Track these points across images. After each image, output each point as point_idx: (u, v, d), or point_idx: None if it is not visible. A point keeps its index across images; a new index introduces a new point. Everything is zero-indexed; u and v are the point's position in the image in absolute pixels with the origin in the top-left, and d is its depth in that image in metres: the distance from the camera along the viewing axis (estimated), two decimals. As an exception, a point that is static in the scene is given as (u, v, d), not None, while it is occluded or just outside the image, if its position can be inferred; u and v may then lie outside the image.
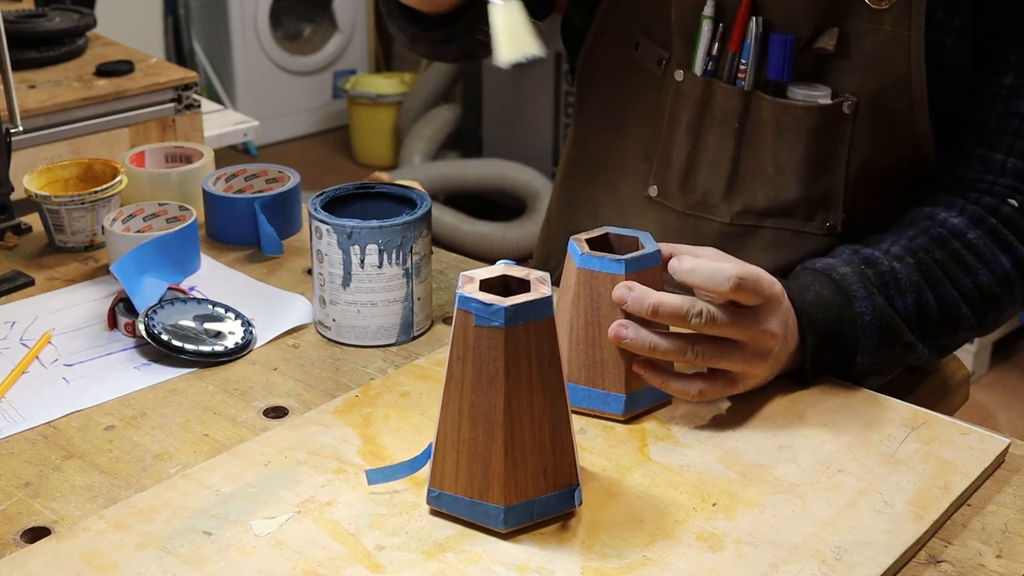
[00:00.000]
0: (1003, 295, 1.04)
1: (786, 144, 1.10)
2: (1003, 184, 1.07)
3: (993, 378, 2.88)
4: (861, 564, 0.77)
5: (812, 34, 1.07)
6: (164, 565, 0.76)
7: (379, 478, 0.84)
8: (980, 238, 1.04)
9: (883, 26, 1.04)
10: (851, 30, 1.06)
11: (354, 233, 1.03)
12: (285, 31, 4.47)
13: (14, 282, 1.19)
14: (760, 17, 1.08)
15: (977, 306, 1.03)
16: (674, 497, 0.84)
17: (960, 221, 1.04)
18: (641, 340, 0.90)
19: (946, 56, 1.05)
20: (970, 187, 1.08)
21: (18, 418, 0.95)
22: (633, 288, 0.89)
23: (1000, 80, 1.07)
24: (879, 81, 1.06)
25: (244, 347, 1.06)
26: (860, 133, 1.08)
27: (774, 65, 1.08)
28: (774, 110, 1.09)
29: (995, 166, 1.07)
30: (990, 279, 1.03)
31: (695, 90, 1.13)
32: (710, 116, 1.13)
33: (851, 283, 0.98)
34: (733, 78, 1.11)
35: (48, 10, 2.05)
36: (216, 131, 2.27)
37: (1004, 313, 1.07)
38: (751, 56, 1.09)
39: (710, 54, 1.12)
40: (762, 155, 1.11)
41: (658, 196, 1.18)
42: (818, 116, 1.08)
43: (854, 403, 0.97)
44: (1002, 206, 1.06)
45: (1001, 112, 1.07)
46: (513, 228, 3.52)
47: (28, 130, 1.70)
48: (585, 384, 0.93)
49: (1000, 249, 1.04)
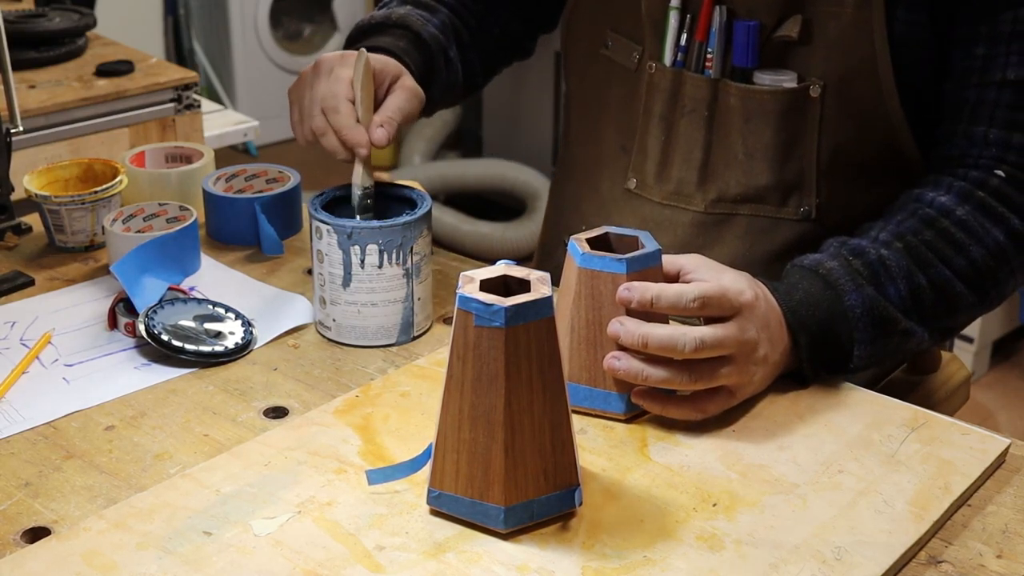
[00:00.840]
0: (1000, 268, 1.04)
1: (754, 129, 1.11)
2: (988, 156, 1.06)
3: (993, 378, 2.88)
4: (861, 564, 0.77)
5: (776, 22, 1.09)
6: (164, 565, 0.76)
7: (379, 478, 0.84)
8: (969, 214, 1.03)
9: (845, 9, 1.06)
10: (814, 16, 1.07)
11: (354, 233, 1.03)
12: (285, 31, 4.47)
13: (14, 282, 1.19)
14: (724, 6, 1.10)
15: (974, 283, 1.03)
16: (674, 497, 0.84)
17: (948, 199, 1.04)
18: (634, 370, 0.91)
19: (902, 29, 1.06)
20: (957, 164, 1.08)
21: (18, 418, 0.95)
22: (624, 322, 0.90)
23: (972, 52, 1.06)
24: (845, 65, 1.07)
25: (244, 347, 1.06)
26: (829, 117, 1.09)
27: (739, 52, 1.10)
28: (741, 96, 1.11)
29: (978, 139, 1.07)
30: (984, 254, 1.03)
31: (665, 81, 1.15)
32: (681, 106, 1.15)
33: (838, 277, 0.99)
34: (701, 67, 1.13)
35: (48, 10, 2.05)
36: (216, 131, 2.27)
37: (1006, 286, 1.06)
38: (716, 44, 1.11)
39: (679, 45, 1.14)
40: (732, 142, 1.13)
41: (636, 188, 1.20)
42: (784, 100, 1.09)
43: (854, 403, 0.97)
44: (989, 178, 1.05)
45: (977, 84, 1.07)
46: (513, 228, 3.52)
47: (28, 130, 1.70)
48: (586, 384, 0.93)
49: (991, 222, 1.04)
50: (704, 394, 0.92)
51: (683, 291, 0.90)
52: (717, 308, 0.91)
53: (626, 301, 0.90)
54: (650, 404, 0.92)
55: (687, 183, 1.17)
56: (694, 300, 0.90)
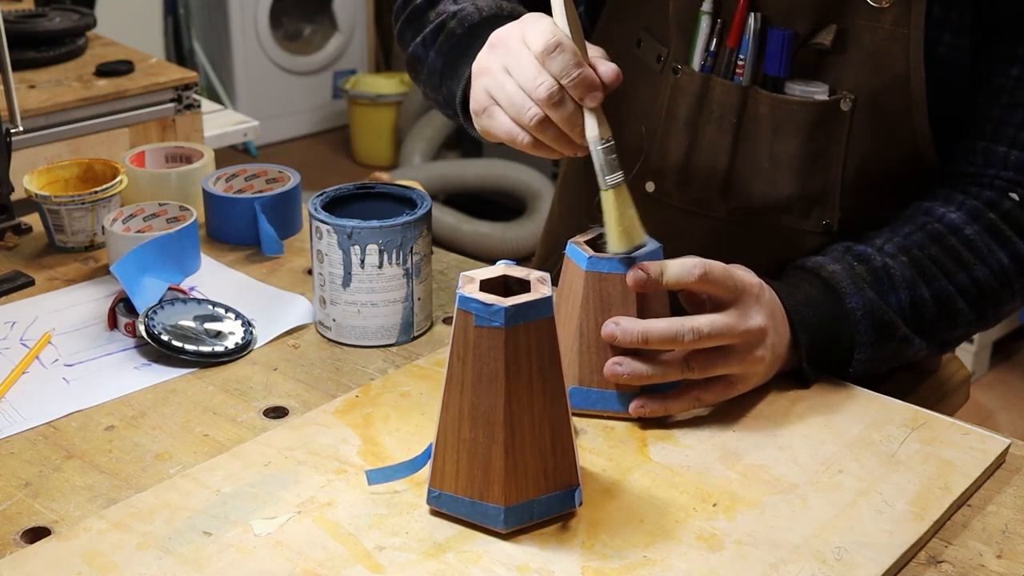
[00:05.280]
0: (1002, 291, 1.04)
1: (782, 140, 1.10)
2: (1005, 178, 1.06)
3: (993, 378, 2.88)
4: (861, 564, 0.77)
5: (810, 31, 1.07)
6: (164, 565, 0.76)
7: (379, 478, 0.84)
8: (977, 234, 1.03)
9: (883, 24, 1.04)
10: (850, 27, 1.05)
11: (354, 233, 1.03)
12: (285, 31, 4.47)
13: (14, 282, 1.18)
14: (759, 13, 1.08)
15: (975, 302, 1.03)
16: (674, 497, 0.84)
17: (958, 216, 1.04)
18: (638, 372, 0.91)
19: (944, 52, 1.05)
20: (972, 181, 1.08)
21: (18, 418, 0.95)
22: (619, 322, 0.91)
23: (1006, 72, 1.06)
24: (878, 79, 1.06)
25: (244, 347, 1.06)
26: (858, 131, 1.08)
27: (772, 60, 1.08)
28: (771, 105, 1.09)
29: (998, 159, 1.07)
30: (987, 275, 1.03)
31: (693, 86, 1.13)
32: (707, 112, 1.13)
33: (840, 280, 0.98)
34: (731, 74, 1.11)
35: (48, 10, 2.05)
36: (216, 131, 2.27)
37: (1004, 308, 1.06)
38: (749, 52, 1.09)
39: (708, 50, 1.12)
40: (758, 151, 1.11)
41: (655, 192, 1.18)
42: (815, 112, 1.08)
43: (854, 403, 0.97)
44: (1003, 200, 1.05)
45: (1006, 104, 1.06)
46: (513, 228, 3.52)
47: (28, 130, 1.70)
48: (598, 387, 0.93)
49: (998, 244, 1.04)
50: (701, 383, 0.92)
51: (685, 262, 0.91)
52: (720, 283, 0.91)
53: (641, 280, 0.90)
54: (652, 410, 0.93)
55: (710, 190, 1.15)
56: (695, 267, 0.90)
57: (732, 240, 1.15)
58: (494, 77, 0.94)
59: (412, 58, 1.16)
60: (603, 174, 0.91)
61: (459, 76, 1.05)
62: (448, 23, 1.09)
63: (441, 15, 1.11)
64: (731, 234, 1.15)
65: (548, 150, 0.95)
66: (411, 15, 1.17)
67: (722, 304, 0.93)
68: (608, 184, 0.91)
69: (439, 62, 1.10)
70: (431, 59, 1.11)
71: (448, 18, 1.10)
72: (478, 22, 1.07)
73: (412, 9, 1.17)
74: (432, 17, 1.12)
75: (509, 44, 0.93)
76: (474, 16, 1.08)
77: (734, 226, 1.15)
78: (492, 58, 0.94)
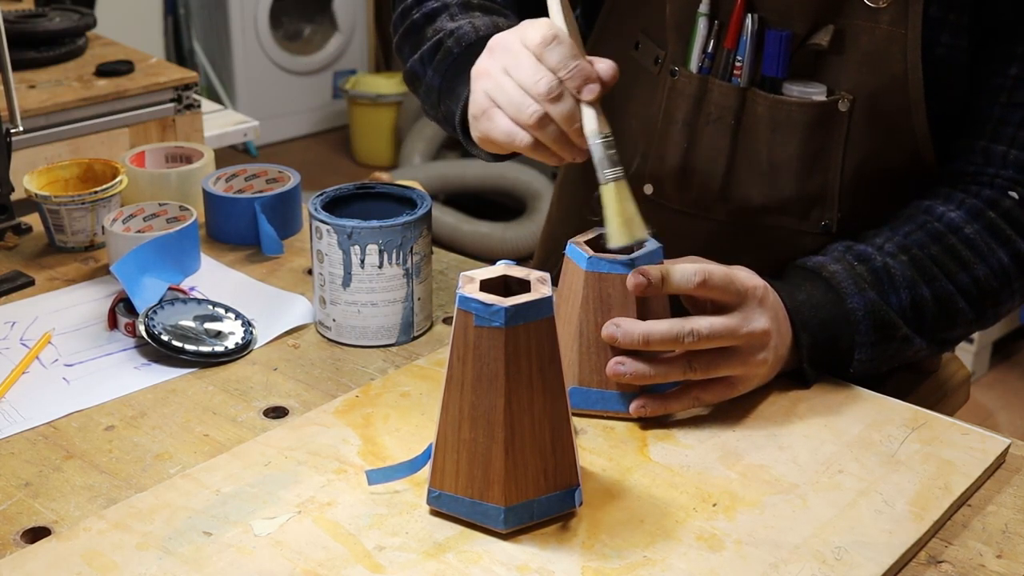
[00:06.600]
0: (1002, 290, 1.04)
1: (780, 141, 1.10)
2: (1004, 177, 1.06)
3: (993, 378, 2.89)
4: (861, 564, 0.77)
5: (808, 31, 1.07)
6: (164, 565, 0.76)
7: (379, 478, 0.84)
8: (977, 233, 1.03)
9: (880, 24, 1.04)
10: (847, 27, 1.05)
11: (354, 233, 1.03)
12: (285, 31, 4.47)
13: (14, 282, 1.18)
14: (756, 14, 1.08)
15: (975, 301, 1.03)
16: (674, 497, 0.84)
17: (958, 215, 1.04)
18: (640, 372, 0.91)
19: (942, 53, 1.05)
20: (971, 180, 1.07)
21: (18, 418, 0.95)
22: (620, 324, 0.91)
23: (1005, 71, 1.06)
24: (876, 79, 1.06)
25: (244, 347, 1.06)
26: (856, 132, 1.08)
27: (770, 61, 1.08)
28: (769, 106, 1.09)
29: (997, 158, 1.07)
30: (987, 274, 1.03)
31: (690, 87, 1.13)
32: (705, 113, 1.13)
33: (841, 280, 0.99)
34: (729, 75, 1.11)
35: (48, 10, 2.05)
36: (216, 131, 2.27)
37: (1003, 307, 1.06)
38: (747, 53, 1.09)
39: (706, 51, 1.12)
40: (757, 152, 1.11)
41: (653, 195, 1.18)
42: (813, 113, 1.08)
43: (854, 403, 0.97)
44: (1002, 199, 1.05)
45: (1005, 103, 1.06)
46: (513, 228, 3.52)
47: (28, 130, 1.70)
48: (598, 387, 0.93)
49: (998, 243, 1.04)
50: (701, 383, 0.93)
51: (685, 268, 0.91)
52: (721, 288, 0.91)
53: (642, 284, 0.90)
54: (652, 410, 0.93)
55: (709, 192, 1.15)
56: (695, 274, 0.91)
57: (731, 242, 1.15)
58: (493, 79, 0.94)
59: (410, 74, 1.16)
60: (602, 168, 0.91)
61: (457, 96, 1.06)
62: (445, 42, 1.09)
63: (439, 32, 1.11)
64: (730, 236, 1.15)
65: (547, 152, 0.95)
66: (408, 29, 1.17)
67: (725, 307, 0.93)
68: (607, 178, 0.91)
69: (436, 81, 1.10)
70: (429, 77, 1.11)
71: (445, 36, 1.09)
72: (475, 41, 1.07)
73: (409, 24, 1.16)
74: (430, 34, 1.12)
75: (508, 47, 0.93)
76: (471, 35, 1.08)
77: (733, 228, 1.15)
78: (491, 61, 0.95)
